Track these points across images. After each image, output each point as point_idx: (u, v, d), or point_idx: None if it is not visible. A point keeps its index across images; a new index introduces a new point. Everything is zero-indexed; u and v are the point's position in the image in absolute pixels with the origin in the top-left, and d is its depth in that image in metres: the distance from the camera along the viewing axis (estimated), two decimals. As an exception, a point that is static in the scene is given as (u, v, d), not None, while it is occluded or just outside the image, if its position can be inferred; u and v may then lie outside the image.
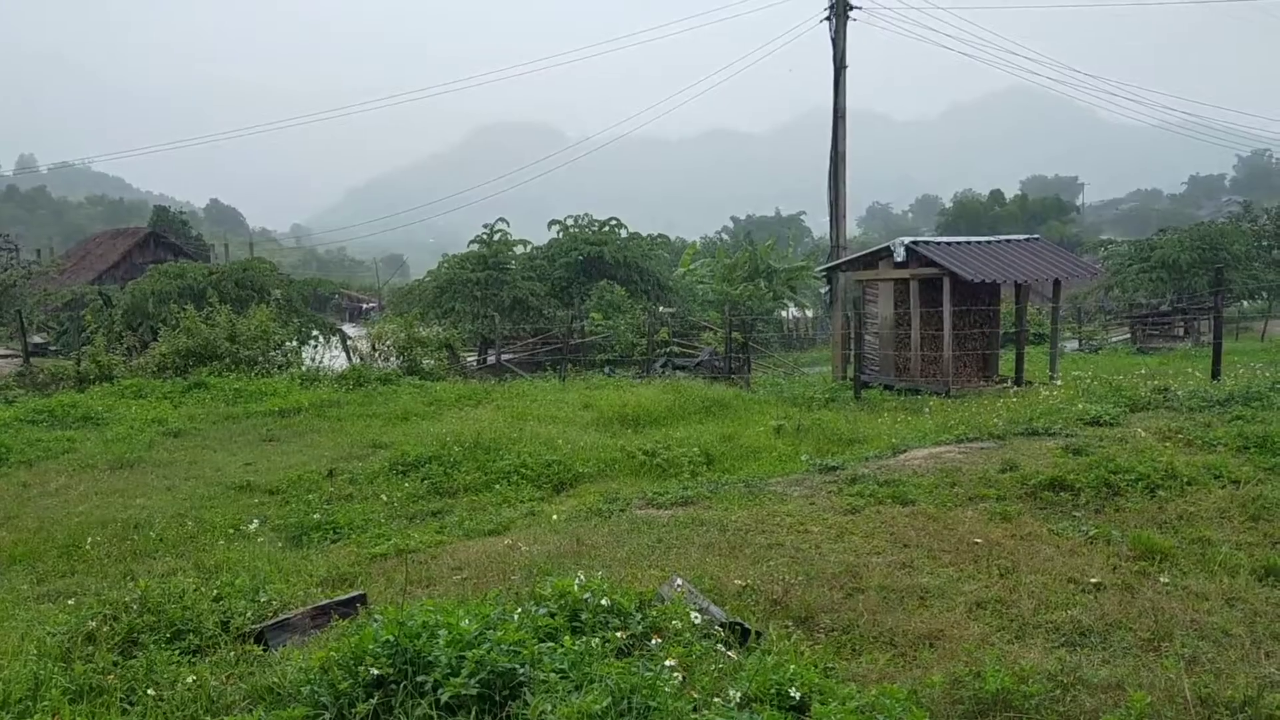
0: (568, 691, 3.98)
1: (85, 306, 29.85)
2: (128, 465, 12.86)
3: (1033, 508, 8.18)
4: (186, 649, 5.06)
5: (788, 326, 50.55)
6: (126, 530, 9.35)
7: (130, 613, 5.33)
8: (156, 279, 28.94)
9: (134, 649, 5.02)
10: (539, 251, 40.05)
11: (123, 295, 29.80)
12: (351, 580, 6.95)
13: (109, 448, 13.81)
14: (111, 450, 13.60)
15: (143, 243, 54.31)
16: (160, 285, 28.15)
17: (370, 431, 14.96)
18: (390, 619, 4.42)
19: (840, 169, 25.22)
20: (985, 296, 20.43)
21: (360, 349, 26.26)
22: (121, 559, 8.45)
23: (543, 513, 9.36)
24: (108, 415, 16.31)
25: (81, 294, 33.92)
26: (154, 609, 5.35)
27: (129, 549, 8.73)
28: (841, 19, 24.99)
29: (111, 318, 27.64)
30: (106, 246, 55.75)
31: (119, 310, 28.06)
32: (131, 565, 8.15)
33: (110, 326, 26.51)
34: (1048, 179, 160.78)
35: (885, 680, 4.80)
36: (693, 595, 5.35)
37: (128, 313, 27.52)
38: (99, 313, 28.71)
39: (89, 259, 54.18)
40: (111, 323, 27.04)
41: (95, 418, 16.14)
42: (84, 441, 14.40)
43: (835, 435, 13.62)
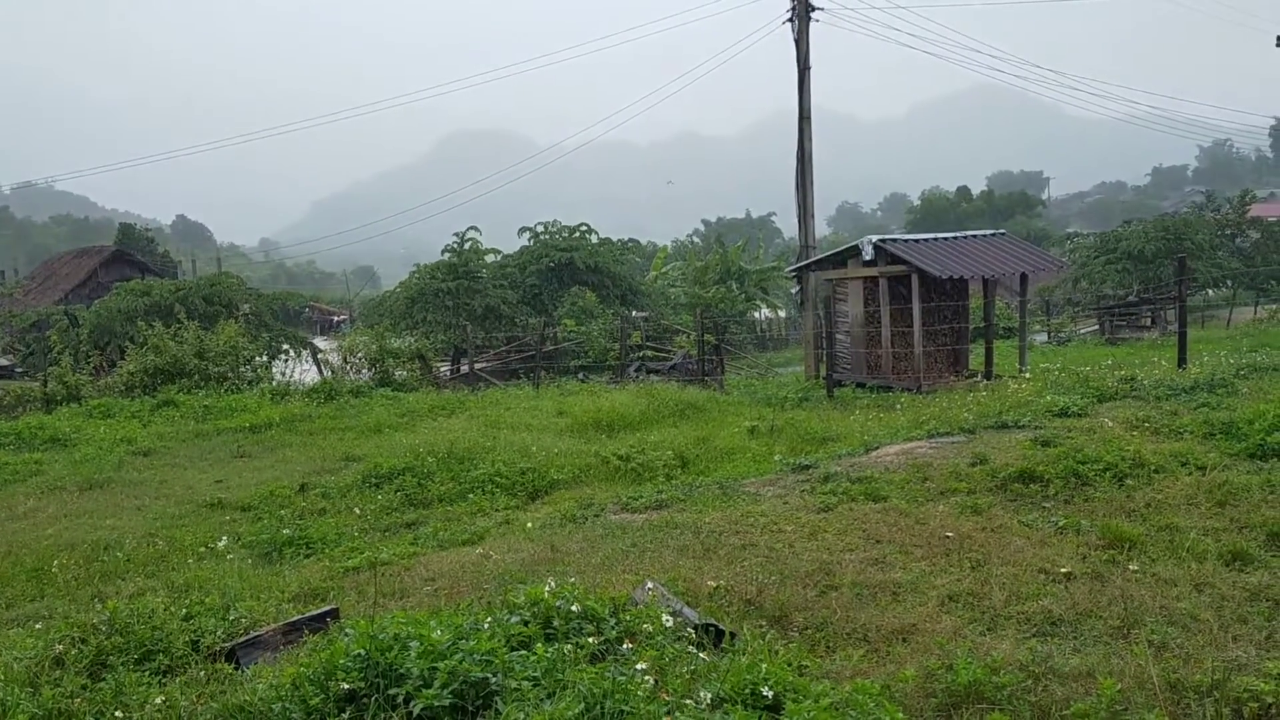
0: (540, 699, 3.97)
1: (51, 327, 29.51)
2: (97, 486, 12.72)
3: (1003, 500, 8.25)
4: (156, 670, 5.01)
5: (760, 327, 50.74)
6: (96, 551, 9.25)
7: (99, 634, 5.27)
8: (123, 297, 28.66)
9: (103, 671, 4.96)
10: (510, 259, 39.94)
11: (89, 314, 29.50)
12: (324, 595, 6.90)
13: (78, 469, 13.66)
14: (80, 471, 13.45)
15: (108, 261, 53.72)
16: (127, 303, 27.88)
17: (343, 445, 14.89)
18: (362, 632, 4.39)
19: (807, 170, 25.33)
20: (953, 292, 20.57)
21: (331, 362, 26.11)
22: (90, 581, 8.35)
23: (517, 521, 9.36)
24: (76, 436, 16.14)
25: (47, 314, 33.55)
26: (123, 630, 5.29)
27: (98, 570, 8.64)
28: (804, 20, 25.11)
29: (78, 337, 27.36)
30: (72, 266, 55.12)
31: (85, 330, 27.78)
32: (101, 587, 8.06)
33: (77, 346, 26.23)
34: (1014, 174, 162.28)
35: (859, 676, 4.82)
36: (666, 598, 5.35)
37: (94, 332, 27.25)
38: (65, 333, 28.38)
39: (54, 279, 53.55)
40: (78, 343, 26.76)
41: (63, 439, 15.97)
42: (52, 463, 14.24)
43: (808, 434, 13.67)
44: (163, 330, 22.55)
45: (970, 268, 19.92)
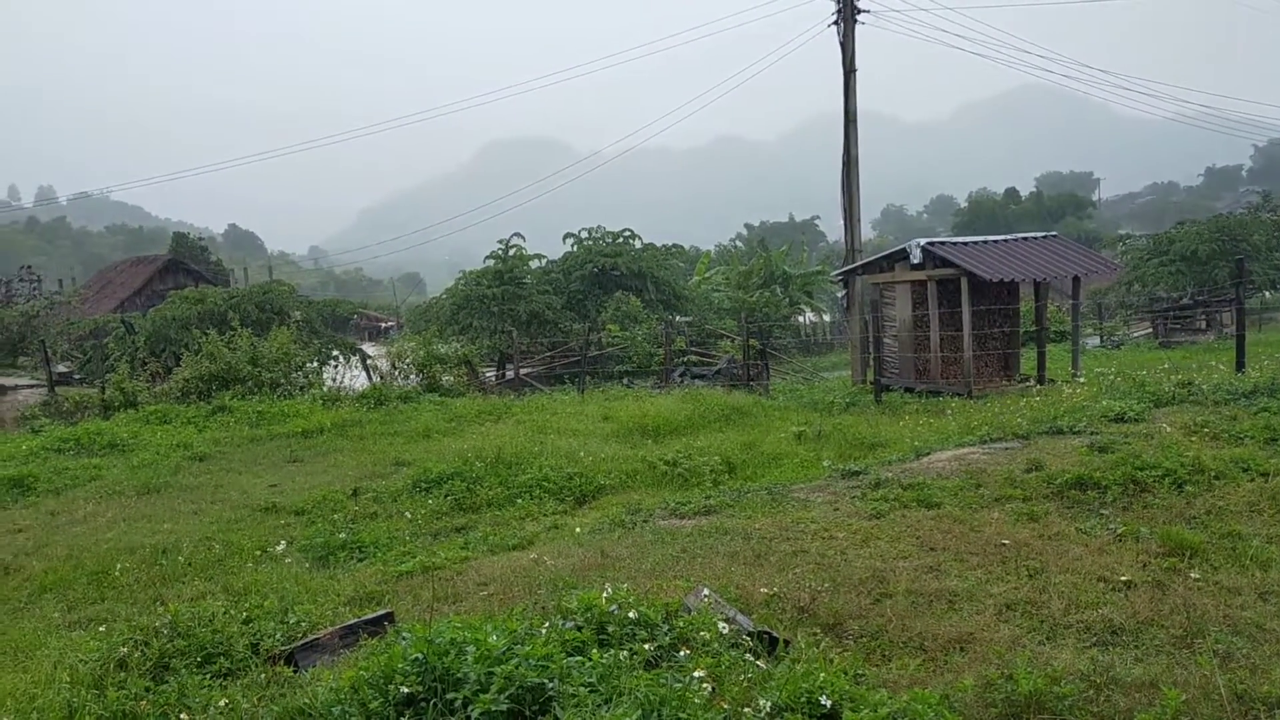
0: (597, 705, 3.98)
1: (108, 335, 30.14)
2: (154, 490, 12.95)
3: (1059, 507, 8.13)
4: (218, 672, 5.09)
5: (805, 332, 50.47)
6: (155, 555, 9.42)
7: (161, 638, 5.37)
8: (177, 305, 29.17)
9: (166, 674, 5.05)
10: (554, 265, 40.15)
11: (145, 322, 30.03)
12: (378, 599, 6.97)
13: (135, 474, 13.91)
14: (138, 476, 13.70)
15: (163, 270, 54.75)
16: (181, 311, 28.36)
17: (393, 450, 15.02)
18: (418, 637, 4.44)
19: (853, 173, 25.18)
20: (1004, 296, 20.32)
21: (380, 368, 26.33)
22: (151, 584, 8.50)
23: (566, 526, 9.38)
24: (133, 442, 16.43)
25: (104, 322, 34.25)
26: (184, 633, 5.39)
27: (158, 574, 8.79)
28: (850, 23, 24.97)
29: (134, 345, 27.86)
30: (127, 274, 56.25)
31: (141, 337, 28.27)
32: (161, 590, 8.20)
33: (133, 353, 26.72)
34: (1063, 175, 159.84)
35: (916, 685, 4.77)
36: (719, 605, 5.34)
37: (150, 339, 27.73)
38: (122, 340, 28.95)
39: (110, 287, 54.68)
40: (134, 350, 27.26)
41: (121, 444, 16.26)
42: (110, 468, 14.51)
43: (857, 440, 13.57)
44: (217, 337, 22.90)
45: (1021, 270, 19.67)
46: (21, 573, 9.38)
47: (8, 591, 8.83)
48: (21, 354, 35.41)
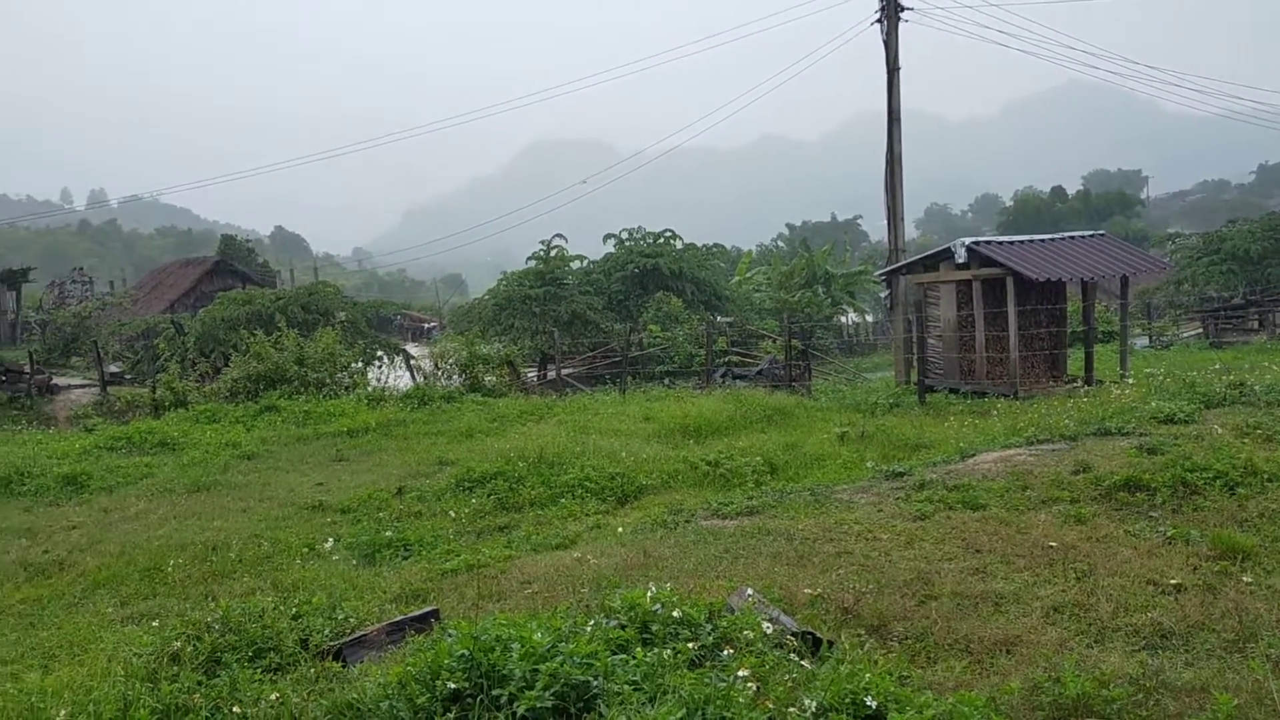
0: (641, 703, 4.00)
1: (158, 335, 30.68)
2: (204, 488, 13.18)
3: (1108, 509, 8.03)
4: (268, 667, 5.17)
5: (847, 332, 50.19)
6: (205, 552, 9.59)
7: (212, 632, 5.47)
8: (226, 306, 29.64)
9: (217, 668, 5.14)
10: (595, 266, 40.26)
11: (194, 323, 30.57)
12: (424, 596, 7.04)
13: (185, 472, 14.16)
14: (188, 474, 13.95)
15: (211, 271, 55.63)
16: (229, 312, 28.82)
17: (436, 449, 15.15)
18: (464, 633, 4.49)
19: (896, 172, 24.99)
20: (1051, 295, 20.06)
21: (423, 368, 26.60)
22: (202, 580, 8.66)
23: (608, 526, 9.41)
24: (183, 440, 16.72)
25: (154, 323, 34.86)
26: (235, 628, 5.48)
27: (208, 570, 8.95)
28: (893, 21, 24.79)
29: (184, 345, 28.35)
30: (177, 276, 57.23)
31: (191, 338, 28.77)
32: (211, 586, 8.35)
33: (183, 354, 27.20)
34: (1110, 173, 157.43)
35: (962, 688, 4.74)
36: (763, 605, 5.34)
37: (199, 340, 28.21)
38: (172, 341, 29.47)
39: (160, 289, 55.66)
40: (184, 350, 27.73)
41: (171, 443, 16.56)
42: (161, 467, 14.78)
43: (900, 441, 13.48)
44: (264, 338, 23.24)
45: (1068, 270, 19.41)
46: (76, 568, 9.60)
47: (63, 586, 9.03)
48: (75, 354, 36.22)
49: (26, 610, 8.40)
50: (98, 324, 37.82)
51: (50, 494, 13.31)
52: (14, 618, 8.20)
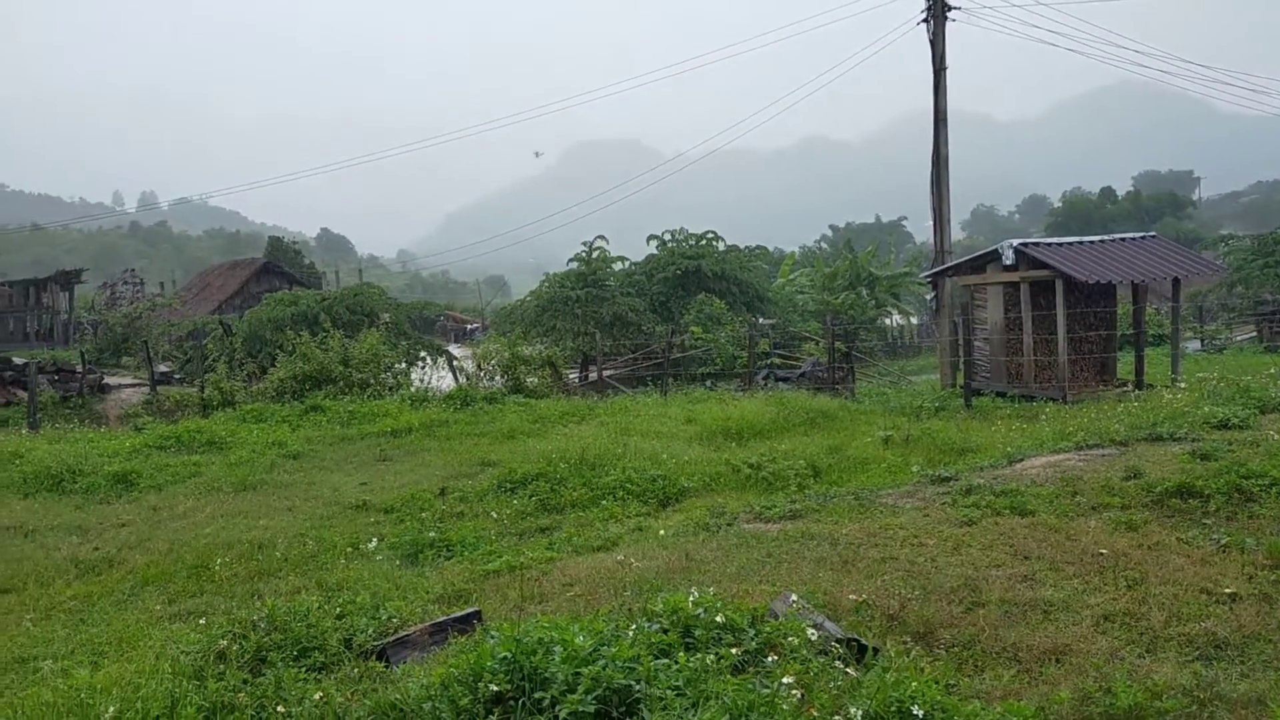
0: (684, 708, 3.96)
1: (207, 335, 31.14)
2: (250, 488, 13.33)
3: (1160, 516, 7.87)
4: (312, 666, 5.19)
5: (892, 335, 49.73)
6: (251, 550, 9.69)
7: (258, 631, 5.50)
8: (273, 307, 30.01)
9: (263, 666, 5.17)
10: (637, 267, 40.26)
11: (241, 324, 30.99)
12: (466, 597, 7.06)
13: (232, 471, 14.34)
14: (235, 473, 14.12)
15: (259, 272, 56.37)
16: (276, 313, 29.17)
17: (478, 450, 15.21)
18: (507, 636, 4.48)
19: (942, 172, 24.74)
20: (1100, 298, 19.77)
21: (466, 369, 26.70)
22: (247, 578, 8.75)
23: (650, 528, 9.37)
24: (230, 440, 16.93)
25: (203, 324, 35.41)
26: (281, 627, 5.51)
27: (254, 569, 9.05)
28: (940, 20, 24.55)
29: (232, 345, 28.74)
30: (225, 277, 58.06)
31: (238, 338, 29.16)
32: (257, 584, 8.44)
33: (231, 354, 27.58)
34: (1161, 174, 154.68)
35: (1010, 697, 4.66)
36: (806, 611, 5.28)
37: (247, 340, 28.58)
38: (220, 341, 29.90)
39: (209, 290, 56.50)
40: (232, 350, 28.12)
41: (219, 442, 16.77)
42: (209, 465, 14.98)
43: (946, 445, 13.32)
44: (309, 339, 23.49)
45: (1119, 272, 19.11)
46: (125, 565, 9.74)
47: (112, 583, 9.17)
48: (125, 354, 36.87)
49: (77, 606, 8.53)
50: (148, 324, 38.47)
51: (101, 492, 13.53)
52: (65, 614, 8.33)
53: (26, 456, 15.19)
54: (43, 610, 8.46)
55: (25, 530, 11.41)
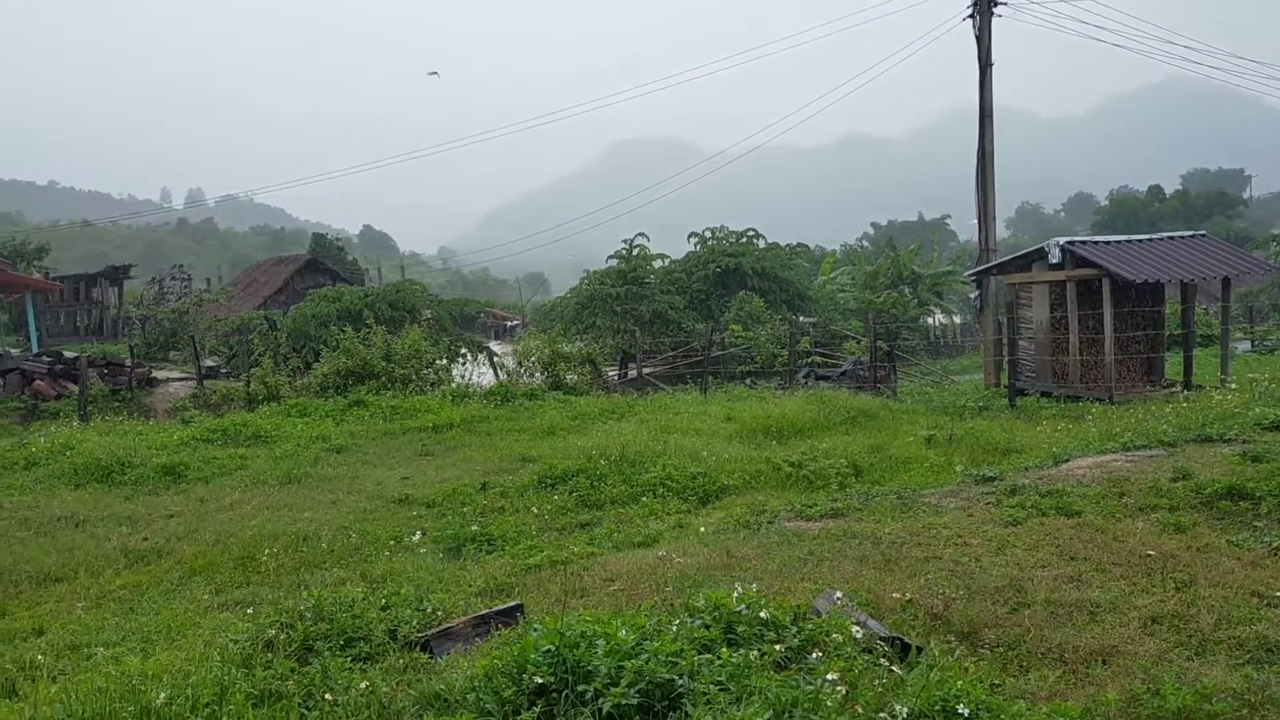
0: (727, 703, 3.97)
1: (252, 331, 31.54)
2: (295, 480, 13.51)
3: (1209, 518, 7.74)
4: (358, 656, 5.26)
5: (934, 334, 49.29)
6: (296, 542, 9.82)
7: (305, 621, 5.57)
8: (316, 303, 30.35)
9: (310, 656, 5.24)
10: (677, 265, 40.23)
11: (286, 319, 31.35)
12: (508, 590, 7.10)
13: (277, 464, 14.53)
14: (280, 466, 14.31)
15: (303, 269, 57.01)
16: (320, 309, 29.50)
17: (519, 446, 15.29)
18: (550, 629, 4.50)
19: (988, 170, 24.48)
20: (1148, 297, 19.47)
21: (506, 365, 26.88)
22: (293, 570, 8.87)
23: (690, 525, 9.37)
24: (275, 433, 17.16)
25: (248, 319, 35.86)
26: (327, 617, 5.58)
27: (300, 560, 9.17)
28: (986, 15, 24.28)
29: (276, 341, 29.10)
30: (270, 273, 58.79)
31: (283, 333, 29.52)
32: (303, 576, 8.55)
33: (276, 349, 27.92)
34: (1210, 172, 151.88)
35: (1056, 698, 4.62)
36: (849, 609, 5.26)
37: (291, 335, 28.93)
38: (265, 336, 30.28)
39: (254, 285, 57.23)
40: (277, 345, 28.47)
41: (264, 436, 17.00)
42: (254, 458, 15.19)
43: (990, 445, 13.19)
44: (353, 334, 23.74)
45: (1167, 271, 18.81)
46: (173, 555, 9.92)
47: (161, 573, 9.34)
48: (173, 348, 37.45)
49: (127, 595, 8.70)
50: (195, 319, 39.07)
51: (149, 483, 13.77)
52: (115, 603, 8.49)
53: (77, 448, 15.50)
54: (94, 598, 8.64)
55: (76, 520, 11.65)
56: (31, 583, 9.30)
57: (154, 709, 4.50)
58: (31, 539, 10.82)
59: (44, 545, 10.46)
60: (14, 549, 10.36)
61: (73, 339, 44.51)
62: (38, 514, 11.94)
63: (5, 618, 8.33)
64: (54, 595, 8.88)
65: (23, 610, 8.49)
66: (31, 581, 9.32)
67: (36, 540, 10.75)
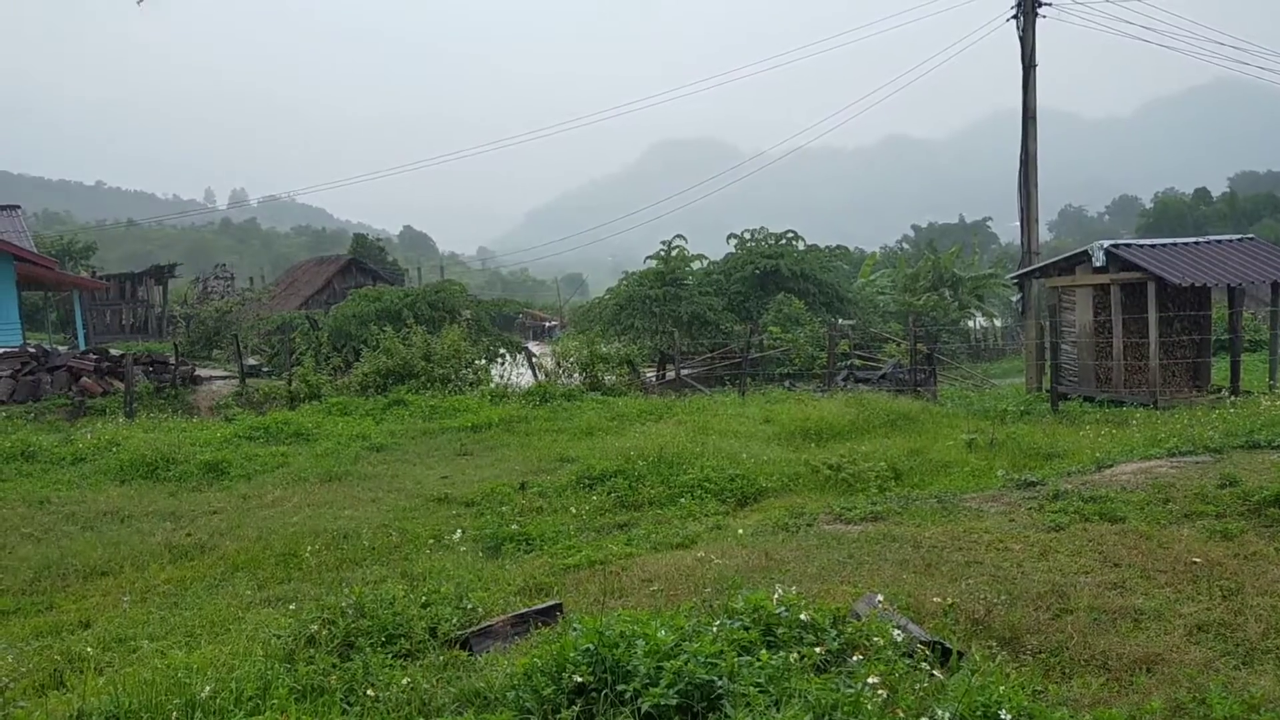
0: (767, 705, 3.96)
1: (294, 330, 31.87)
2: (336, 478, 13.64)
3: (1257, 525, 7.61)
4: (399, 652, 5.30)
5: (975, 337, 48.84)
6: (337, 540, 9.92)
7: (346, 617, 5.63)
8: (357, 303, 30.62)
9: (351, 652, 5.29)
10: (716, 266, 40.18)
11: (327, 319, 31.66)
12: (547, 590, 7.13)
13: (318, 462, 14.69)
14: (321, 464, 14.46)
15: (344, 269, 57.45)
16: (360, 308, 29.75)
17: (557, 446, 15.34)
18: (589, 628, 4.52)
19: (1031, 171, 24.22)
20: (1194, 301, 19.16)
21: (545, 366, 26.94)
22: (334, 567, 8.97)
23: (728, 527, 9.35)
24: (316, 431, 17.33)
25: (290, 318, 36.26)
26: (368, 614, 5.63)
27: (341, 557, 9.26)
28: (1030, 16, 24.03)
29: (318, 340, 29.39)
30: (311, 273, 59.33)
31: (324, 333, 29.80)
32: (343, 573, 8.63)
33: (317, 348, 28.19)
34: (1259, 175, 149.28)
35: (1100, 705, 4.57)
36: (889, 613, 5.23)
37: (332, 335, 29.20)
38: (307, 335, 30.58)
39: (296, 285, 57.80)
40: (318, 344, 28.75)
41: (305, 434, 17.18)
42: (296, 456, 15.36)
43: (1032, 449, 13.05)
44: (393, 334, 23.93)
45: (1214, 275, 18.50)
46: (216, 551, 10.06)
47: (204, 568, 9.48)
48: (216, 347, 37.96)
49: (171, 590, 8.83)
50: (238, 318, 39.57)
51: (193, 480, 13.97)
52: (160, 597, 8.63)
53: (123, 444, 15.76)
54: (139, 593, 8.78)
55: (121, 515, 11.85)
56: (78, 576, 9.47)
57: (199, 702, 4.57)
58: (78, 533, 11.02)
59: (90, 540, 10.65)
60: (61, 543, 10.56)
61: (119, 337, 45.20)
62: (84, 509, 12.16)
63: (53, 611, 8.50)
64: (100, 589, 9.04)
65: (70, 603, 8.65)
66: (78, 575, 9.50)
67: (83, 535, 10.95)
